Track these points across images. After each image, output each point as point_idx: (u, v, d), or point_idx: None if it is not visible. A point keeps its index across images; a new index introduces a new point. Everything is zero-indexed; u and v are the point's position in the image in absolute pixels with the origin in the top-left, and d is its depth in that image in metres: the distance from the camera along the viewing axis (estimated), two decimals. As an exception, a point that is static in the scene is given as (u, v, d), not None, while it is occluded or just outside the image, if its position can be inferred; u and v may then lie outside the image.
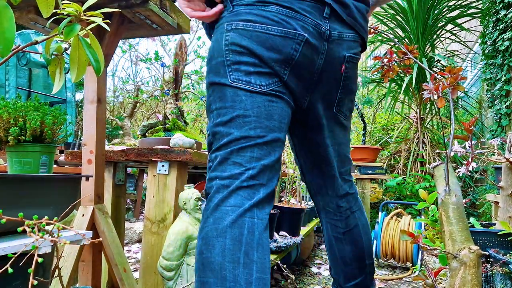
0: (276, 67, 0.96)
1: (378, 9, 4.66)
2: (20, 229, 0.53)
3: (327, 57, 1.02)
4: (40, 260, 0.50)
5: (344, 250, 1.27)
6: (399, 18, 4.56)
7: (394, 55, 1.13)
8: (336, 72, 1.06)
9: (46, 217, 0.56)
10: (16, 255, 0.57)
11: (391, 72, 1.12)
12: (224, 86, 0.96)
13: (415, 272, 2.49)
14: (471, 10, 4.39)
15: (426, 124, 4.63)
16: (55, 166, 2.66)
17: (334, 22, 1.00)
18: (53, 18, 0.65)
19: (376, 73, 4.52)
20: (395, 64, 1.09)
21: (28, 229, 0.52)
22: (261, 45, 0.94)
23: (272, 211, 1.93)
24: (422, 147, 4.44)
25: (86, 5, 0.59)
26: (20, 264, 0.66)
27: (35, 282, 0.51)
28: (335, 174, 1.23)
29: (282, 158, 2.47)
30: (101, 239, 0.68)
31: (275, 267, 2.10)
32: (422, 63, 3.37)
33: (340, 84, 1.09)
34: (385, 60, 1.11)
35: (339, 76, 1.07)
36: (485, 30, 3.94)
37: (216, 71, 0.97)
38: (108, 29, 0.63)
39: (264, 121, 0.95)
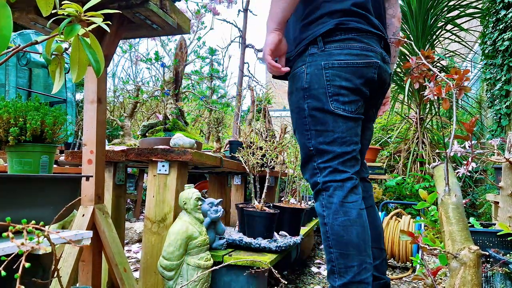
0: (363, 88, 1.35)
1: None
2: (4, 234, 0.52)
3: (387, 74, 1.45)
4: (27, 265, 0.50)
5: None
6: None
7: (414, 60, 1.15)
8: (386, 84, 1.49)
9: (33, 222, 0.55)
10: (10, 257, 0.57)
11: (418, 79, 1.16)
12: (326, 112, 1.33)
13: (415, 266, 2.49)
14: (471, 10, 4.39)
15: (425, 124, 4.62)
16: (55, 166, 2.66)
17: (385, 50, 1.44)
18: (53, 18, 0.65)
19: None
20: (419, 70, 1.10)
21: (11, 235, 0.51)
22: (353, 76, 1.32)
23: (272, 211, 1.93)
24: (422, 147, 4.44)
25: (87, 5, 0.60)
26: (16, 265, 0.65)
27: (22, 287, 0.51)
28: (361, 161, 1.56)
29: (282, 158, 2.47)
30: (86, 245, 0.68)
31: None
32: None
33: (384, 92, 1.52)
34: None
35: (386, 87, 1.51)
36: (485, 30, 3.94)
37: (318, 99, 1.34)
38: (108, 30, 0.63)
39: (354, 138, 1.36)
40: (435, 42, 4.56)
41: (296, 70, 1.39)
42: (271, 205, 2.12)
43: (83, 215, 1.35)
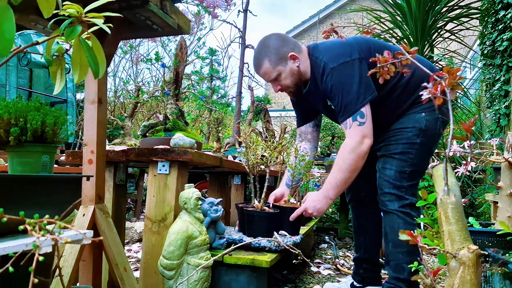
0: None
1: (376, 8, 4.66)
2: (21, 227, 0.52)
3: None
4: (41, 258, 0.51)
5: None
6: (398, 18, 4.55)
7: (391, 55, 1.13)
8: None
9: (47, 216, 0.56)
10: (17, 255, 0.57)
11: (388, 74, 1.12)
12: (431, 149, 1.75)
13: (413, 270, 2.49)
14: (471, 10, 4.38)
15: (425, 124, 4.62)
16: (55, 166, 2.67)
17: None
18: (55, 19, 0.65)
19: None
20: (392, 65, 1.09)
21: (29, 228, 0.52)
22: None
23: (272, 210, 1.93)
24: (422, 147, 4.43)
25: (88, 7, 0.60)
26: (21, 264, 0.66)
27: (36, 281, 0.52)
28: None
29: (282, 158, 2.47)
30: (101, 237, 0.69)
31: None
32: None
33: None
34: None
35: None
36: (484, 30, 3.94)
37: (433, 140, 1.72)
38: (109, 31, 0.63)
39: None
40: (434, 43, 4.55)
41: None
42: (271, 204, 2.13)
43: (84, 214, 1.35)
